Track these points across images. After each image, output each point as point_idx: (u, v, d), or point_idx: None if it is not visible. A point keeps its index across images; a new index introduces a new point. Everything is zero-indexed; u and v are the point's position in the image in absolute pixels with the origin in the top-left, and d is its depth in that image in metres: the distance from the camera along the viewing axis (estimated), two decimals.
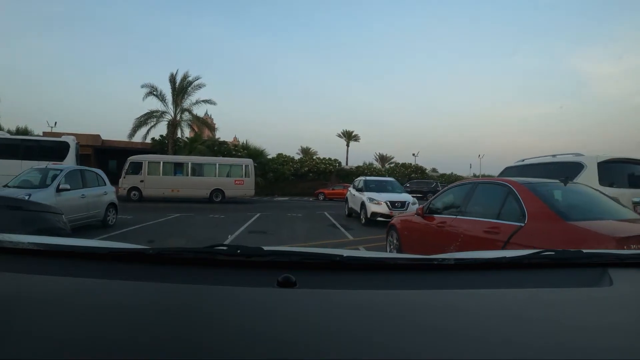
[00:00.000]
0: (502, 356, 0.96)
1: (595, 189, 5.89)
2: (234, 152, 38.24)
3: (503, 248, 4.57)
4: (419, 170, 52.24)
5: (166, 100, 37.26)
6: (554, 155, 9.48)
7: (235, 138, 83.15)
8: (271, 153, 42.98)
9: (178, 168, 26.96)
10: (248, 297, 1.33)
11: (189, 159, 28.09)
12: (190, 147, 35.90)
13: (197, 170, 27.14)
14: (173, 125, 37.13)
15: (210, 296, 1.35)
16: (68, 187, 10.68)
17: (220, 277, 1.61)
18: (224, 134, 52.97)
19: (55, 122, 39.51)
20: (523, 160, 10.34)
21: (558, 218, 4.48)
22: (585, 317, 1.28)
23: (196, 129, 39.70)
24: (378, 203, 14.73)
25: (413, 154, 59.51)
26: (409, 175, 47.73)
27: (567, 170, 8.09)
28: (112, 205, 12.68)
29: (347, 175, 32.41)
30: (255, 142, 52.71)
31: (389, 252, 8.38)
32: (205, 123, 41.95)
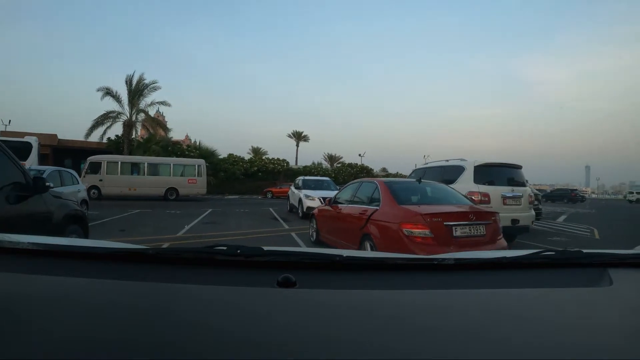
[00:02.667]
0: (502, 356, 0.97)
1: (443, 184, 8.65)
2: (187, 152, 39.59)
3: (366, 224, 6.79)
4: (364, 170, 54.22)
5: (122, 102, 38.08)
6: (447, 160, 12.31)
7: (187, 136, 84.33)
8: (223, 153, 44.48)
9: (135, 168, 28.33)
10: (248, 297, 1.36)
11: (145, 159, 29.52)
12: (145, 147, 37.00)
13: (153, 169, 28.49)
14: (129, 125, 38.02)
15: (210, 296, 1.35)
16: (52, 185, 12.21)
17: (220, 277, 1.62)
18: (176, 133, 53.75)
19: (10, 120, 39.93)
20: (426, 163, 13.29)
21: (395, 203, 6.70)
22: (585, 317, 1.31)
23: (151, 130, 40.50)
24: (312, 199, 16.56)
25: (359, 155, 61.72)
26: (355, 175, 49.08)
27: (454, 171, 11.31)
28: (84, 201, 14.16)
29: (295, 175, 34.01)
30: (208, 142, 54.09)
31: (311, 234, 10.60)
32: (159, 123, 43.05)
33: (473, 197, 9.75)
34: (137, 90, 38.43)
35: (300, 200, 17.97)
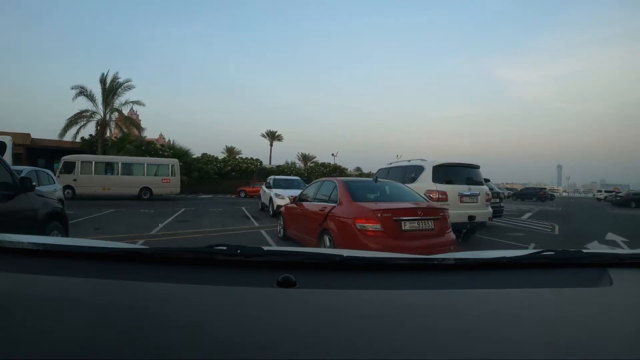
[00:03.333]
0: (502, 356, 0.98)
1: (399, 183, 9.38)
2: (160, 152, 39.38)
3: (325, 219, 7.41)
4: (337, 170, 54.78)
5: (96, 101, 37.78)
6: (409, 160, 12.99)
7: (160, 135, 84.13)
8: (197, 152, 44.51)
9: (109, 167, 28.28)
10: (248, 297, 1.37)
11: (119, 159, 29.53)
12: (119, 146, 36.80)
13: (127, 169, 28.54)
14: (103, 125, 37.80)
15: (210, 296, 1.37)
16: (36, 184, 12.22)
17: (220, 277, 1.65)
18: (150, 132, 53.61)
19: None
20: (391, 164, 13.95)
21: (351, 200, 7.35)
22: (585, 317, 1.31)
23: (125, 129, 40.29)
24: (282, 198, 16.84)
25: (332, 154, 62.06)
26: (328, 174, 49.91)
27: (414, 171, 12.05)
28: (60, 201, 13.92)
29: (268, 174, 33.83)
30: (182, 141, 54.01)
31: (279, 230, 11.19)
32: (133, 123, 42.81)
33: (431, 195, 10.48)
34: (111, 89, 38.25)
35: (270, 199, 18.44)
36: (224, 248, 1.83)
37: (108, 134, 39.39)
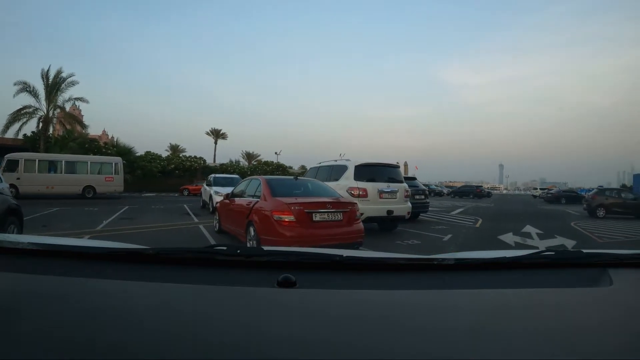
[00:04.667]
0: (502, 356, 0.98)
1: (318, 181, 10.94)
2: (104, 150, 39.11)
3: (250, 213, 8.46)
4: (280, 168, 55.56)
5: (39, 97, 37.25)
6: (335, 160, 14.31)
7: (104, 132, 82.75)
8: (140, 150, 44.44)
9: (52, 166, 27.99)
10: (248, 297, 1.37)
11: (63, 157, 29.29)
12: (62, 144, 36.44)
13: (71, 167, 28.36)
14: (45, 122, 37.46)
15: (210, 296, 1.37)
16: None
17: (220, 277, 1.64)
18: (93, 129, 52.83)
19: None
20: (320, 163, 15.13)
21: (271, 195, 8.40)
22: (585, 317, 1.31)
23: (68, 126, 39.96)
24: (221, 195, 17.06)
25: (276, 153, 63.18)
26: (272, 172, 50.61)
27: (339, 170, 13.31)
28: None
29: (212, 172, 34.06)
30: (125, 138, 53.58)
31: (215, 225, 12.23)
32: (77, 120, 42.49)
33: (352, 192, 11.85)
34: (54, 84, 37.74)
35: (210, 197, 19.19)
36: (224, 248, 1.85)
37: (51, 131, 38.91)
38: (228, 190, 18.10)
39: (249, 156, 74.00)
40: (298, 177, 10.33)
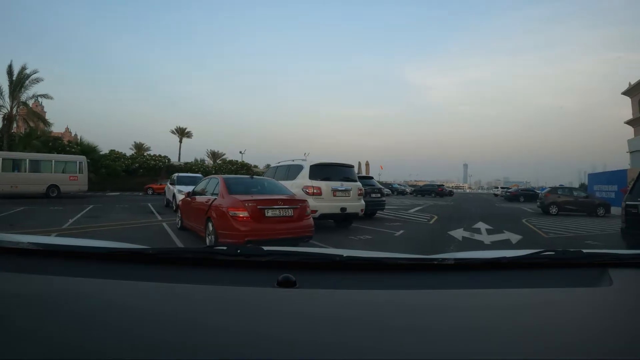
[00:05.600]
0: (502, 356, 0.98)
1: (272, 179, 11.82)
2: (68, 148, 38.47)
3: (209, 209, 9.11)
4: (245, 167, 55.35)
5: (3, 94, 36.54)
6: (293, 160, 14.91)
7: (67, 129, 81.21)
8: (104, 149, 43.83)
9: (16, 165, 27.59)
10: (248, 297, 1.37)
11: (27, 156, 28.69)
12: (26, 142, 35.82)
13: (35, 166, 28.00)
14: (9, 119, 36.82)
15: (210, 296, 1.37)
16: None
17: (220, 277, 1.65)
18: (55, 126, 51.74)
19: None
20: (278, 163, 15.85)
21: (228, 193, 9.12)
22: (585, 317, 1.32)
23: (32, 123, 39.26)
24: (184, 194, 17.54)
25: (240, 152, 64.74)
26: (236, 171, 50.61)
27: (296, 169, 14.06)
28: None
29: (177, 171, 32.95)
30: (89, 136, 52.54)
31: (177, 222, 12.67)
32: (40, 117, 41.67)
33: (307, 190, 12.64)
34: (18, 81, 36.88)
35: (174, 195, 19.58)
36: (224, 248, 1.86)
37: (14, 128, 38.35)
38: (191, 189, 18.67)
39: (214, 155, 74.10)
40: (254, 176, 11.29)
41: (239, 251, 1.80)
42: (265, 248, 1.90)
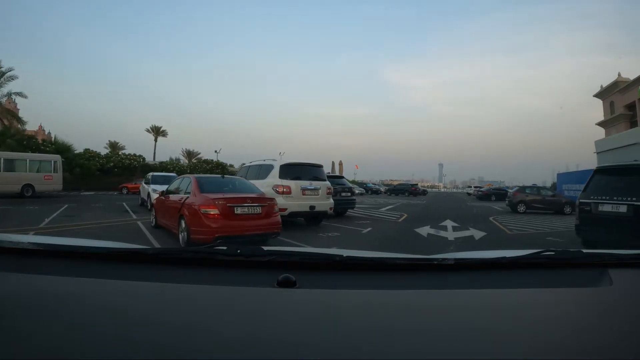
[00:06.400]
0: (502, 356, 0.98)
1: (242, 179, 12.48)
2: (42, 147, 37.86)
3: (181, 207, 9.52)
4: (220, 166, 55.27)
5: None
6: (264, 160, 15.43)
7: (40, 127, 79.87)
8: (79, 147, 43.07)
9: None
10: (248, 297, 1.37)
11: (1, 155, 28.07)
12: (0, 141, 35.42)
13: (9, 165, 27.48)
14: None
15: (210, 296, 1.37)
16: None
17: (220, 277, 1.64)
18: (29, 124, 50.92)
19: None
20: (251, 162, 16.34)
21: (199, 192, 9.56)
22: (585, 317, 1.33)
23: (6, 122, 38.94)
24: (158, 193, 18.19)
25: (215, 151, 63.86)
26: (211, 171, 50.46)
27: (267, 169, 14.59)
28: None
29: (152, 170, 32.57)
30: (63, 134, 51.39)
31: (151, 220, 13.02)
32: (15, 116, 41.59)
33: (278, 189, 13.23)
34: None
35: (149, 194, 19.85)
36: (224, 248, 1.85)
37: None
38: (166, 188, 18.99)
39: (189, 154, 74.08)
40: (225, 176, 11.88)
41: (239, 251, 1.80)
42: (266, 248, 1.90)
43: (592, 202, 9.91)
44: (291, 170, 14.21)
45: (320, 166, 15.61)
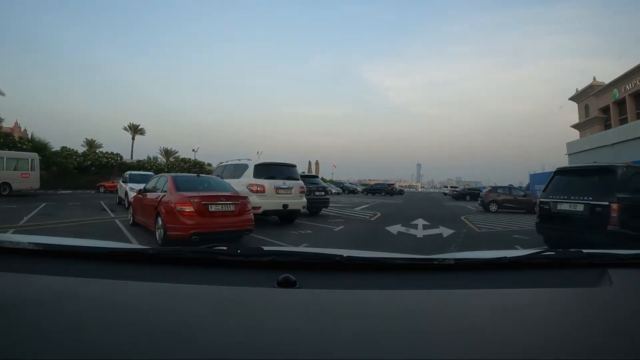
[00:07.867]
0: (502, 356, 0.98)
1: (217, 178, 12.75)
2: (19, 145, 37.16)
3: (158, 205, 9.80)
4: (197, 165, 55.39)
5: None
6: (239, 159, 15.86)
7: (16, 124, 78.68)
8: (56, 145, 42.62)
9: None
10: (248, 297, 1.37)
11: None
12: None
13: None
14: None
15: (210, 296, 1.37)
16: None
17: (220, 277, 1.64)
18: (4, 121, 50.38)
19: None
20: (227, 162, 16.73)
21: (175, 190, 9.85)
22: (585, 317, 1.32)
23: None
24: (136, 191, 18.10)
25: (193, 150, 64.87)
26: (189, 169, 50.44)
27: (242, 168, 15.02)
28: None
29: (129, 169, 33.48)
30: (40, 131, 50.89)
31: (129, 218, 13.21)
32: None
33: (252, 188, 13.67)
34: None
35: (126, 193, 20.13)
36: (224, 248, 1.86)
37: None
38: (143, 186, 19.22)
39: (167, 153, 74.19)
40: (200, 175, 12.23)
41: (239, 251, 1.80)
42: (266, 248, 1.90)
43: (551, 201, 10.36)
44: (265, 170, 14.63)
45: (293, 166, 16.10)
